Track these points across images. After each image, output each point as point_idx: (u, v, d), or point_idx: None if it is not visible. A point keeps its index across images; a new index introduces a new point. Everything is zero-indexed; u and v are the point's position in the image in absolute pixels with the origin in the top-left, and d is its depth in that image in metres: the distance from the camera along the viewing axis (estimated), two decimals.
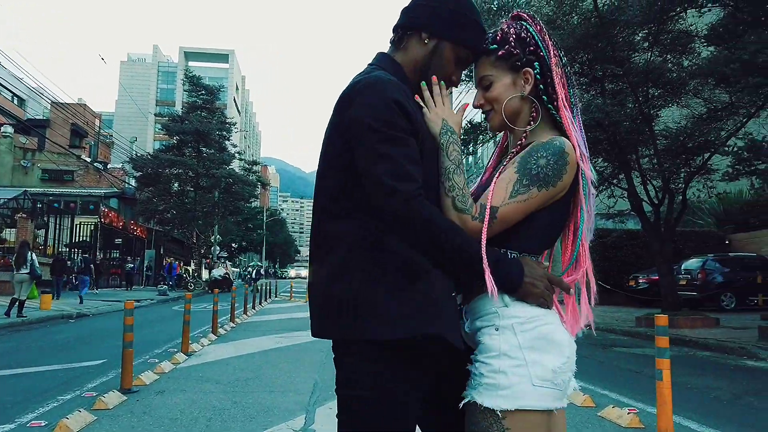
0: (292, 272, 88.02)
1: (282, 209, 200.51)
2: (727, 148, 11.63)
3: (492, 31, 1.48)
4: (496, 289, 1.27)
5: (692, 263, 17.04)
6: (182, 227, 37.53)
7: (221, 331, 10.80)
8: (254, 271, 40.69)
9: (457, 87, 1.53)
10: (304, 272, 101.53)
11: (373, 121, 1.26)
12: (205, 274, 37.07)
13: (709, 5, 10.18)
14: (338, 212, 1.34)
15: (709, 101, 13.28)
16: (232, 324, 12.24)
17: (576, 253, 1.42)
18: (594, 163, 16.48)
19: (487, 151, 29.69)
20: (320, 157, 1.41)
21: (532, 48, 1.42)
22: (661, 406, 3.84)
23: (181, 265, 38.91)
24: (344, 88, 1.37)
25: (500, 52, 1.43)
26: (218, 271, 33.22)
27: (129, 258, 30.36)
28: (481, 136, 18.06)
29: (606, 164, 15.26)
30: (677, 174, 13.58)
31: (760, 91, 9.34)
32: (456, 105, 1.53)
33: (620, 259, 19.81)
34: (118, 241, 32.40)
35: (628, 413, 4.48)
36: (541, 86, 1.43)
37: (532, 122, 1.44)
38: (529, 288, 1.31)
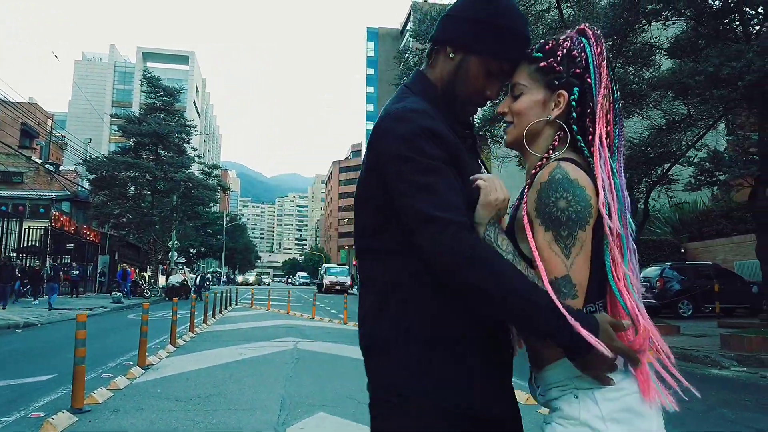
0: (239, 278, 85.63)
1: (242, 214, 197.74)
2: (689, 159, 11.89)
3: (548, 39, 1.29)
4: (600, 345, 1.06)
5: (651, 271, 17.39)
6: (138, 232, 36.36)
7: (180, 341, 10.34)
8: (198, 278, 34.98)
9: (494, 100, 1.37)
10: (267, 279, 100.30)
11: (408, 151, 1.18)
12: (162, 281, 35.97)
13: (673, 19, 10.39)
14: (372, 253, 1.29)
15: (669, 113, 13.60)
16: (191, 334, 11.77)
17: (626, 309, 1.16)
18: None
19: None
20: (355, 195, 1.35)
21: (578, 70, 1.22)
22: None
23: (137, 271, 37.68)
24: (377, 119, 1.28)
25: (542, 64, 1.25)
26: (176, 278, 32.26)
27: (74, 264, 29.11)
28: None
29: None
30: (639, 184, 13.84)
31: (724, 103, 9.56)
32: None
33: None
34: (70, 246, 31.12)
35: None
36: (574, 114, 1.23)
37: (551, 150, 1.24)
38: (596, 353, 1.09)
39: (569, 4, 13.70)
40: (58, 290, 20.20)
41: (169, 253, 38.83)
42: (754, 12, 8.97)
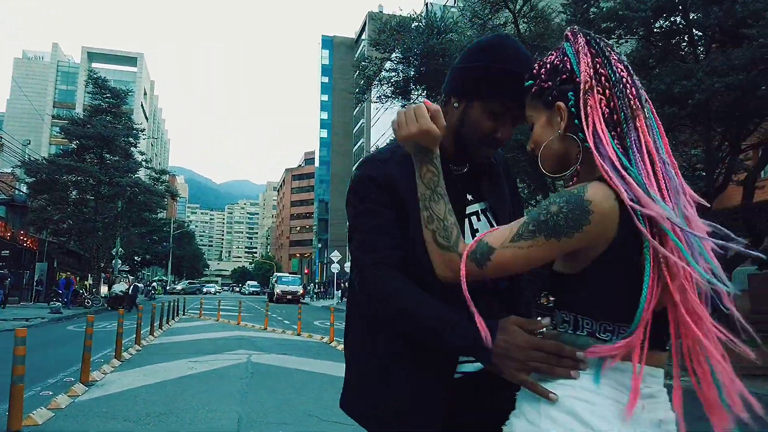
0: (179, 286, 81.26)
1: (190, 221, 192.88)
2: None
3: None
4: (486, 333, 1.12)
5: None
6: (80, 239, 34.79)
7: (126, 355, 9.84)
8: (130, 287, 31.11)
9: (506, 140, 1.39)
10: (213, 288, 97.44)
11: (351, 196, 1.41)
12: (104, 290, 34.48)
13: (626, 37, 10.74)
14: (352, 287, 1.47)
15: None
16: (137, 347, 11.24)
17: (636, 323, 1.03)
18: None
19: None
20: None
21: (565, 75, 1.14)
22: None
23: (77, 279, 36.01)
24: None
25: (533, 89, 1.20)
26: (119, 287, 30.97)
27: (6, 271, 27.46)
28: None
29: (524, 185, 15.70)
30: None
31: (670, 120, 9.93)
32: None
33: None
34: (5, 252, 29.44)
35: None
36: (576, 120, 1.13)
37: (579, 166, 1.15)
38: (502, 357, 1.11)
39: (525, 20, 13.98)
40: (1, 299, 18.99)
41: (113, 261, 37.32)
42: (701, 33, 9.37)
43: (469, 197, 1.47)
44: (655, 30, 10.50)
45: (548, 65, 1.18)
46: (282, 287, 43.70)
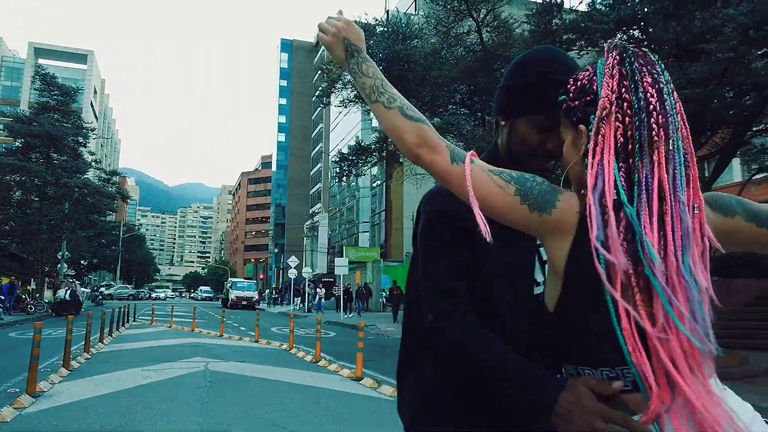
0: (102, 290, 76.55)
1: (141, 224, 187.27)
2: None
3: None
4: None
5: None
6: (23, 241, 33.17)
7: (74, 363, 9.36)
8: (66, 292, 26.91)
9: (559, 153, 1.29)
10: (162, 293, 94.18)
11: (422, 238, 1.35)
12: (48, 295, 32.94)
13: (588, 49, 11.01)
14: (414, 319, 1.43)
15: None
16: (86, 355, 10.72)
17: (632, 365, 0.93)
18: None
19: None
20: None
21: (590, 97, 1.06)
22: None
23: (20, 284, 34.30)
24: None
25: (563, 106, 1.13)
26: (64, 292, 29.61)
27: None
28: (361, 162, 17.93)
29: None
30: None
31: None
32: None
33: None
34: None
35: None
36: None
37: None
38: (563, 419, 0.99)
39: (489, 29, 14.17)
40: None
41: (58, 265, 35.75)
42: (659, 48, 9.70)
43: None
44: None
45: (579, 83, 1.10)
46: (237, 293, 42.82)
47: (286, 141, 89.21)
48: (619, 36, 10.57)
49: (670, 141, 0.98)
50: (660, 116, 0.98)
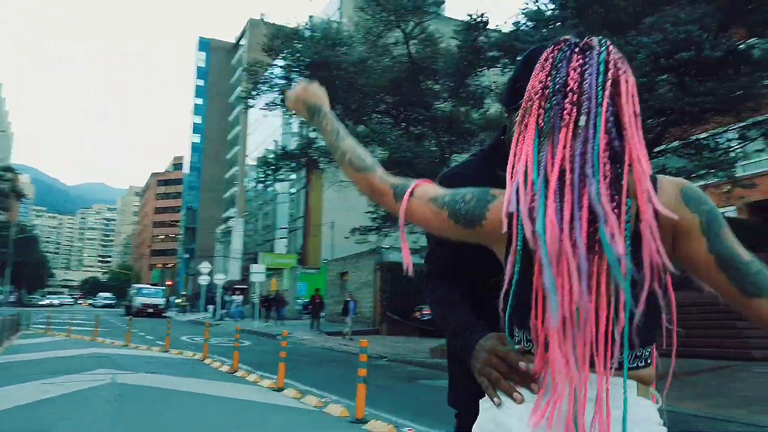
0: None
1: (34, 225, 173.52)
2: None
3: None
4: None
5: None
6: None
7: None
8: None
9: None
10: (56, 299, 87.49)
11: None
12: None
13: (510, 66, 11.43)
14: None
15: None
16: None
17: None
18: None
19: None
20: None
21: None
22: None
23: None
24: None
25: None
26: None
27: None
28: (285, 167, 17.60)
29: None
30: None
31: None
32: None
33: (411, 291, 20.96)
34: None
35: None
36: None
37: None
38: (474, 358, 1.19)
39: (416, 42, 14.40)
40: None
41: None
42: None
43: None
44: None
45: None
46: (143, 299, 40.55)
47: (201, 142, 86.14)
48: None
49: (583, 117, 0.97)
50: (575, 95, 0.98)
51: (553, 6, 10.39)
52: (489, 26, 11.86)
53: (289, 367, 9.19)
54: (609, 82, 0.99)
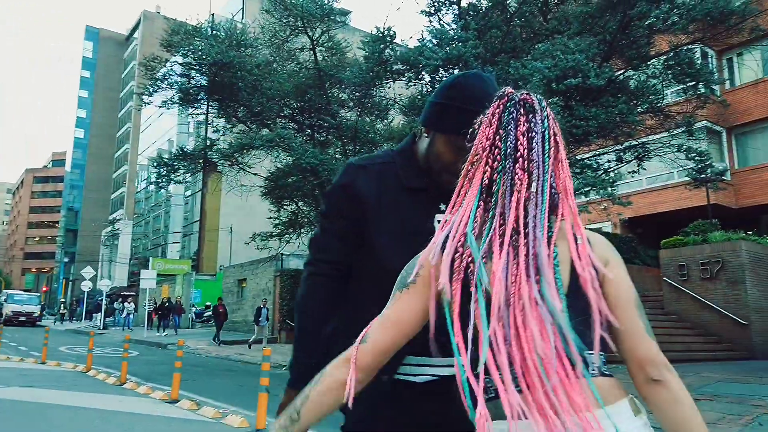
0: None
1: None
2: None
3: None
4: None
5: None
6: None
7: None
8: None
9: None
10: None
11: (325, 197, 1.64)
12: None
13: (415, 81, 11.83)
14: None
15: None
16: None
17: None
18: (296, 204, 17.21)
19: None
20: None
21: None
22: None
23: None
24: None
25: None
26: None
27: None
28: (183, 168, 16.90)
29: (310, 208, 15.99)
30: None
31: None
32: None
33: None
34: None
35: None
36: None
37: None
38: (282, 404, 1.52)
39: (323, 49, 14.45)
40: None
41: None
42: None
43: (442, 207, 1.53)
44: (437, 78, 11.77)
45: (476, 124, 1.18)
46: (14, 306, 36.89)
47: (85, 138, 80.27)
48: (442, 72, 11.58)
49: (534, 184, 1.07)
50: (525, 162, 1.08)
51: (455, 26, 10.91)
52: (396, 40, 12.21)
53: (183, 378, 8.83)
54: (552, 150, 1.11)
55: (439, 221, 1.52)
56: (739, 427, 6.66)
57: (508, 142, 1.10)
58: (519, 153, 1.09)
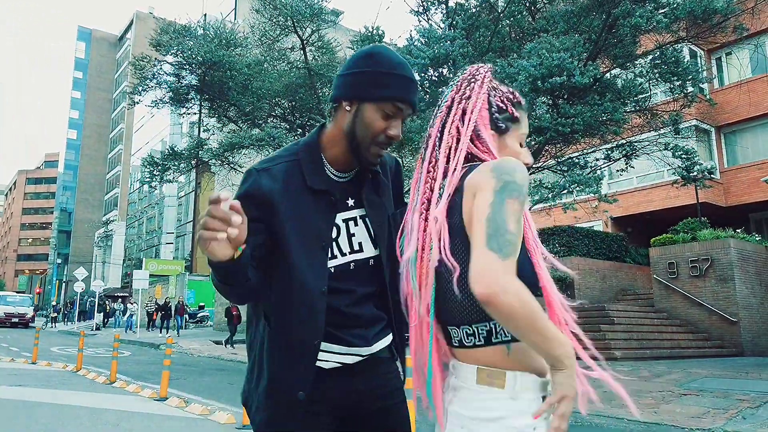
0: None
1: None
2: None
3: None
4: None
5: None
6: None
7: None
8: None
9: (398, 139, 1.49)
10: None
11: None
12: None
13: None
14: None
15: None
16: None
17: None
18: None
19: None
20: None
21: None
22: None
23: None
24: None
25: None
26: None
27: None
28: (174, 167, 16.91)
29: None
30: None
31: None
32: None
33: None
34: None
35: None
36: None
37: None
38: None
39: (313, 48, 14.49)
40: None
41: None
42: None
43: (350, 202, 1.58)
44: (426, 78, 11.84)
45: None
46: (6, 308, 36.73)
47: (78, 139, 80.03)
48: (432, 72, 11.65)
49: (424, 163, 1.31)
50: (430, 140, 1.33)
51: (443, 26, 10.98)
52: (384, 40, 12.25)
53: (173, 376, 8.85)
54: (438, 118, 1.35)
55: (344, 220, 1.56)
56: (723, 420, 6.74)
57: (430, 130, 1.35)
58: (429, 137, 1.33)
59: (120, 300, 36.83)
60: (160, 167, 14.99)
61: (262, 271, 1.47)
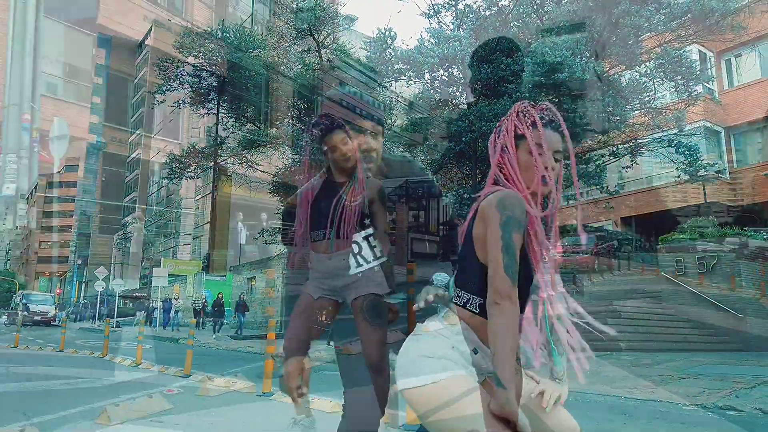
0: None
1: None
2: None
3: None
4: None
5: None
6: None
7: None
8: None
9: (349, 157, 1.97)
10: None
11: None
12: None
13: (415, 79, 12.38)
14: None
15: None
16: None
17: None
18: None
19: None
20: None
21: None
22: None
23: None
24: None
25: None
26: None
27: None
28: (194, 164, 17.46)
29: None
30: None
31: (447, 154, 11.62)
32: None
33: None
34: None
35: None
36: None
37: None
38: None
39: (328, 50, 15.01)
40: None
41: None
42: (473, 87, 11.38)
43: (367, 221, 1.92)
44: (436, 78, 12.31)
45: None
46: (30, 307, 37.64)
47: (97, 143, 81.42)
48: (442, 71, 12.11)
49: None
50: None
51: (452, 26, 11.46)
52: (396, 42, 12.79)
53: (194, 362, 9.35)
54: (491, 142, 1.72)
55: (370, 235, 2.02)
56: (717, 399, 7.01)
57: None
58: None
59: (138, 300, 37.39)
60: (180, 165, 15.58)
61: None
